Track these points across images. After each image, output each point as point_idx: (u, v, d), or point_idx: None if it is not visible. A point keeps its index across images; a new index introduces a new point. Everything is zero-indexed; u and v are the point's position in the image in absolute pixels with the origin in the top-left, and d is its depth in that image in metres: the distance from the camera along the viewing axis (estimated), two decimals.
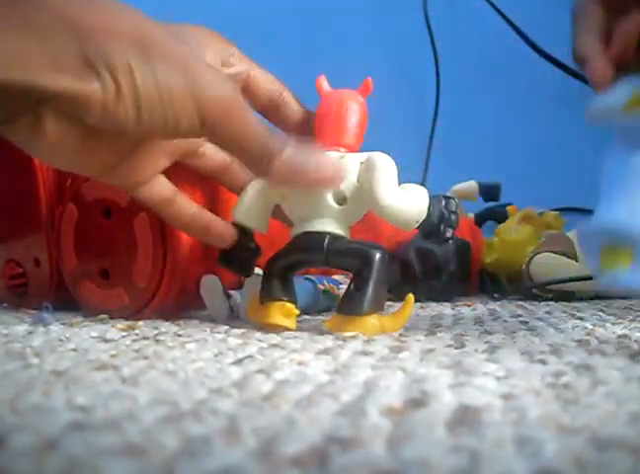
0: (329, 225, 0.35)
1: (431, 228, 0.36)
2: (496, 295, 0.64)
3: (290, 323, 0.36)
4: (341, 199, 0.35)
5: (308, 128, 0.36)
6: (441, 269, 0.61)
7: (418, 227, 0.35)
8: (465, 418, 0.17)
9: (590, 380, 0.22)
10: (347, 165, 0.34)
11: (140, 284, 0.41)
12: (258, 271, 0.42)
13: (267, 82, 0.36)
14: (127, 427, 0.16)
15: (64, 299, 0.46)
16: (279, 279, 0.36)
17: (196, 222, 0.36)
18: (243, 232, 0.38)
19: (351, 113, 0.36)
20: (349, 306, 0.34)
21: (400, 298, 0.61)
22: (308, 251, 0.36)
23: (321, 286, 0.46)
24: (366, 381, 0.22)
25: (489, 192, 0.82)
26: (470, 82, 1.01)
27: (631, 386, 0.21)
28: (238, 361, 0.26)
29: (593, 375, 0.23)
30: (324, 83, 0.37)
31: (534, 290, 0.62)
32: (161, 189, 0.35)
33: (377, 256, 0.35)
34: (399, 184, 0.34)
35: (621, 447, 0.14)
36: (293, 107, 0.36)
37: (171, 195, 0.35)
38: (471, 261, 0.65)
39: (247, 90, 0.35)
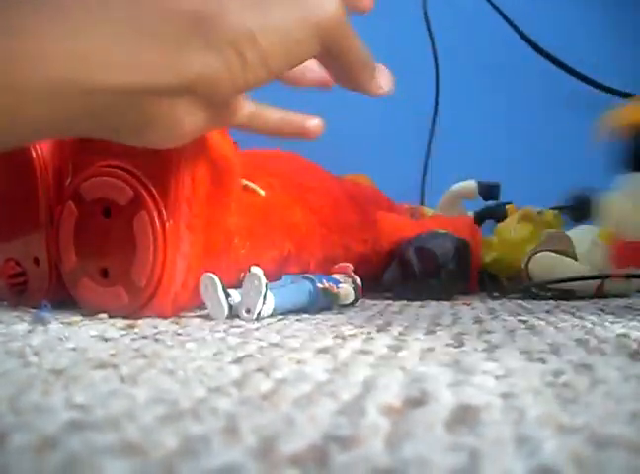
0: None
1: None
2: (495, 294, 0.64)
3: None
4: None
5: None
6: (441, 268, 0.61)
7: None
8: (464, 417, 0.17)
9: (589, 379, 0.22)
10: None
11: (140, 283, 0.41)
12: (257, 270, 0.42)
13: None
14: (127, 425, 0.16)
15: (63, 298, 0.46)
16: None
17: (285, 125, 0.37)
18: None
19: None
20: None
21: (400, 298, 0.61)
22: None
23: (320, 286, 0.46)
24: (366, 380, 0.22)
25: (488, 191, 0.82)
26: (469, 82, 1.01)
27: (630, 385, 0.21)
28: (237, 360, 0.26)
29: (592, 374, 0.23)
30: None
31: (534, 289, 0.62)
32: (247, 108, 0.35)
33: None
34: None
35: (620, 446, 0.15)
36: None
37: (255, 108, 0.36)
38: (470, 260, 0.65)
39: None
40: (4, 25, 0.21)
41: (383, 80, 0.33)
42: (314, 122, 0.37)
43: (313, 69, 0.36)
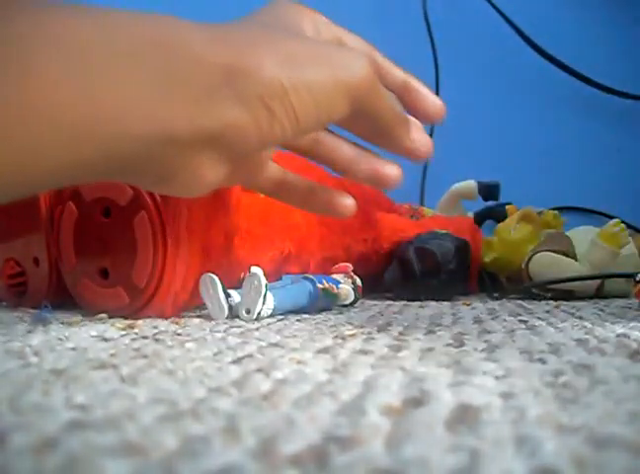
0: None
1: None
2: (495, 294, 0.64)
3: None
4: None
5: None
6: (441, 268, 0.61)
7: None
8: (464, 417, 0.17)
9: (589, 379, 0.22)
10: None
11: (140, 284, 0.41)
12: (257, 270, 0.42)
13: (356, 43, 0.34)
14: (127, 425, 0.16)
15: (63, 298, 0.46)
16: None
17: (314, 197, 0.35)
18: None
19: None
20: None
21: (400, 298, 0.61)
22: None
23: (320, 286, 0.46)
24: (366, 380, 0.22)
25: (488, 191, 0.82)
26: (469, 82, 1.01)
27: (630, 385, 0.21)
28: (237, 360, 0.26)
29: (592, 374, 0.23)
30: None
31: (534, 289, 0.62)
32: (273, 173, 0.34)
33: None
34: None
35: (620, 446, 0.15)
36: (391, 71, 0.34)
37: (282, 176, 0.34)
38: (470, 260, 0.65)
39: None
40: (20, 70, 0.20)
41: (418, 136, 0.32)
42: (345, 201, 0.35)
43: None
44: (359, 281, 0.51)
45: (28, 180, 0.21)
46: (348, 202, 0.35)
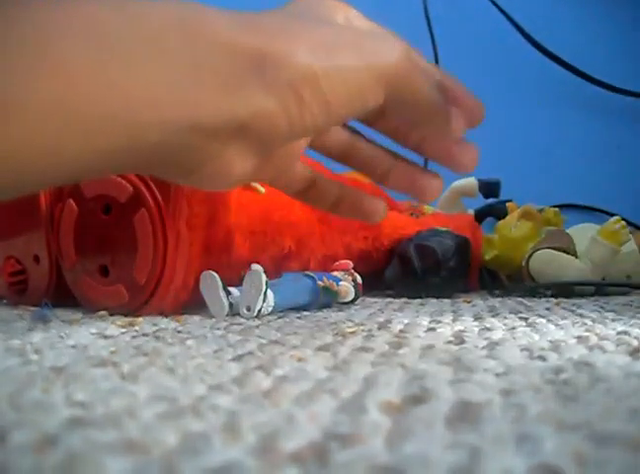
0: None
1: None
2: (496, 292, 0.64)
3: None
4: None
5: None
6: (441, 265, 0.61)
7: None
8: (465, 414, 0.17)
9: (589, 377, 0.22)
10: None
11: (140, 281, 0.41)
12: (257, 267, 0.42)
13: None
14: (127, 423, 0.16)
15: (64, 296, 0.46)
16: None
17: (343, 201, 0.34)
18: None
19: None
20: None
21: (400, 295, 0.61)
22: None
23: (320, 283, 0.46)
24: (366, 377, 0.22)
25: (489, 188, 0.82)
26: (470, 79, 1.01)
27: (630, 382, 0.21)
28: (238, 358, 0.26)
29: (592, 372, 0.23)
30: None
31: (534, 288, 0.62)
32: (302, 173, 0.33)
33: None
34: None
35: (621, 443, 0.15)
36: (426, 69, 0.32)
37: (311, 177, 0.33)
38: (471, 257, 0.65)
39: None
40: (47, 64, 0.20)
41: (459, 123, 0.30)
42: (376, 205, 0.34)
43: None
44: (359, 279, 0.51)
45: (57, 171, 0.21)
46: (379, 207, 0.34)
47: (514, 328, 0.35)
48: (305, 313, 0.44)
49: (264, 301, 0.41)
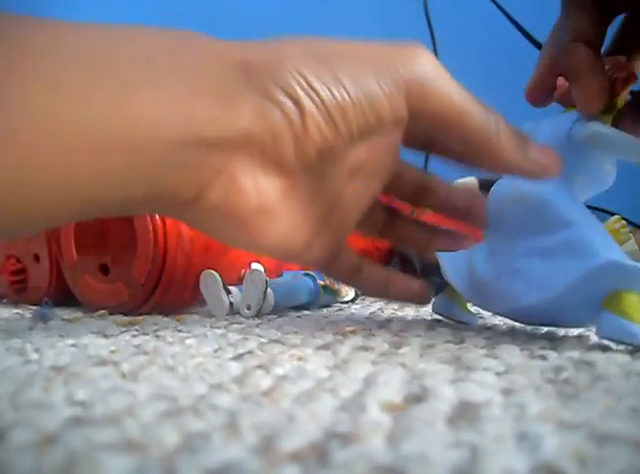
0: None
1: None
2: None
3: None
4: None
5: None
6: None
7: None
8: (465, 413, 0.17)
9: (590, 376, 0.22)
10: None
11: (140, 280, 0.41)
12: (257, 266, 0.42)
13: None
14: (127, 422, 0.16)
15: (64, 295, 0.46)
16: None
17: (390, 287, 0.33)
18: None
19: None
20: None
21: None
22: None
23: (321, 282, 0.46)
24: (366, 377, 0.22)
25: (489, 188, 0.82)
26: (471, 80, 1.01)
27: (631, 381, 0.21)
28: (238, 357, 0.26)
29: (592, 371, 0.23)
30: None
31: None
32: (349, 258, 0.31)
33: None
34: None
35: (621, 442, 0.14)
36: None
37: (358, 261, 0.32)
38: None
39: None
40: (49, 86, 0.20)
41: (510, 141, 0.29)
42: (417, 287, 0.33)
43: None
44: None
45: (64, 203, 0.20)
46: (423, 290, 0.33)
47: (514, 327, 0.35)
48: (305, 312, 0.44)
49: (264, 300, 0.41)
